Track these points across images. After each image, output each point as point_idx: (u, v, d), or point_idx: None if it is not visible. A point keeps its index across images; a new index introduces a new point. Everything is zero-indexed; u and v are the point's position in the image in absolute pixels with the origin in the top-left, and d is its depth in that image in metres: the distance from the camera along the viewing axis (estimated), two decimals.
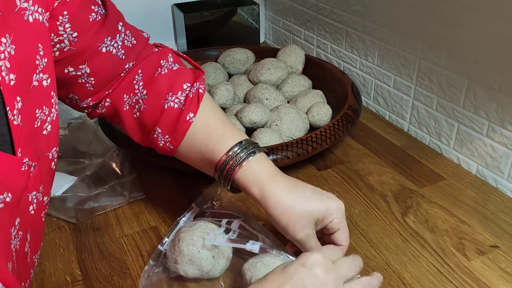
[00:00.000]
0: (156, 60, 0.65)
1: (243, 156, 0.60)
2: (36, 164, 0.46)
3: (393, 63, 0.99)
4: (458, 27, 0.82)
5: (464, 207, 0.77)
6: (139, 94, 0.64)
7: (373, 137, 0.97)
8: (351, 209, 0.77)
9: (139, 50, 0.65)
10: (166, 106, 0.62)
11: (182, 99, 0.62)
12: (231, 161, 0.60)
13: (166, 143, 0.63)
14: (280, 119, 0.92)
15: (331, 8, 1.14)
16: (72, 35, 0.56)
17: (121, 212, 0.78)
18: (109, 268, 0.67)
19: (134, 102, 0.64)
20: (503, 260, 0.67)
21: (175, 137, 0.63)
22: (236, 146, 0.60)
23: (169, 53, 0.67)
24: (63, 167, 0.86)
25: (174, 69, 0.65)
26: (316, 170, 0.87)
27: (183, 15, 1.26)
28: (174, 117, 0.62)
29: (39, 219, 0.49)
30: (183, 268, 0.61)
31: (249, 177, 0.59)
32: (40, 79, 0.46)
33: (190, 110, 0.62)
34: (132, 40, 0.64)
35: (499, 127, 0.79)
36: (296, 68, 1.11)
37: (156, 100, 0.63)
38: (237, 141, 0.61)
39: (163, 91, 0.63)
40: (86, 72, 0.60)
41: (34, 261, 0.51)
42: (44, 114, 0.47)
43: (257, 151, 0.61)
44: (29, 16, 0.45)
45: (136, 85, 0.64)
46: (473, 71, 0.81)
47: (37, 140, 0.47)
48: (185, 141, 0.63)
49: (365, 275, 0.65)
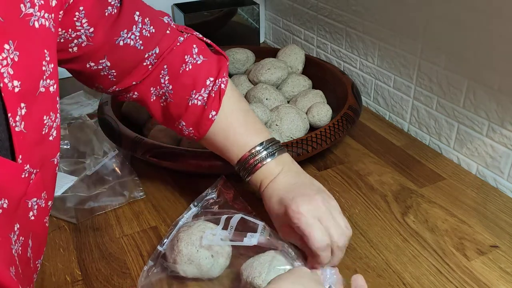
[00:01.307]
0: (181, 55, 0.67)
1: (263, 157, 0.65)
2: (38, 171, 0.46)
3: (393, 63, 0.99)
4: (458, 27, 0.82)
5: (464, 207, 0.77)
6: (165, 88, 0.67)
7: (373, 137, 0.97)
8: (351, 209, 0.77)
9: (159, 38, 0.65)
10: (190, 103, 0.66)
11: (205, 97, 0.66)
12: (253, 158, 0.65)
13: (190, 133, 0.68)
14: (280, 119, 0.92)
15: (331, 8, 1.14)
16: (89, 31, 0.57)
17: (121, 212, 0.78)
18: (109, 268, 0.67)
19: (161, 94, 0.68)
20: (503, 260, 0.67)
21: (199, 131, 0.67)
22: (259, 146, 0.65)
23: (193, 43, 0.69)
24: (63, 167, 0.86)
25: (198, 63, 0.67)
26: (316, 170, 0.87)
27: (183, 15, 1.26)
28: (198, 115, 0.66)
29: (41, 225, 0.49)
30: (182, 267, 0.61)
31: (266, 173, 0.64)
32: (47, 85, 0.46)
33: (213, 108, 0.66)
34: (150, 29, 0.64)
35: (499, 127, 0.79)
36: (296, 68, 1.11)
37: (182, 96, 0.66)
38: (259, 141, 0.66)
39: (187, 88, 0.66)
40: (107, 65, 0.62)
41: (37, 266, 0.51)
42: (51, 120, 0.47)
43: (276, 153, 0.65)
44: (35, 22, 0.45)
45: (162, 79, 0.67)
46: (473, 71, 0.81)
47: (43, 147, 0.47)
48: (208, 135, 0.67)
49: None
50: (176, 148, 0.81)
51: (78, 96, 1.13)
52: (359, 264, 0.67)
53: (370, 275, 0.65)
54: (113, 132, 0.86)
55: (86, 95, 1.13)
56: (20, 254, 0.44)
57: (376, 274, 0.65)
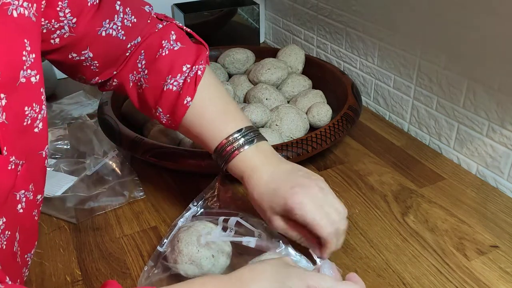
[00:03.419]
0: (158, 40, 0.66)
1: (244, 143, 0.63)
2: (25, 163, 0.45)
3: (393, 63, 0.99)
4: (458, 27, 0.82)
5: (464, 207, 0.77)
6: (141, 72, 0.66)
7: (373, 137, 0.97)
8: (351, 209, 0.77)
9: (141, 27, 0.65)
10: (165, 88, 0.64)
11: (180, 82, 0.64)
12: (230, 146, 0.63)
13: (168, 121, 0.67)
14: (280, 119, 0.92)
15: (331, 8, 1.14)
16: (72, 21, 0.56)
17: (121, 212, 0.78)
18: (109, 268, 0.67)
19: (137, 79, 0.67)
20: (503, 260, 0.67)
21: (175, 117, 0.65)
22: (237, 133, 0.63)
23: (172, 30, 0.67)
24: (63, 167, 0.86)
25: (175, 49, 0.66)
26: (316, 170, 0.87)
27: (183, 15, 1.26)
28: (173, 100, 0.64)
29: (30, 218, 0.49)
30: (183, 268, 0.61)
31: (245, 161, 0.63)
32: (28, 76, 0.45)
33: (188, 94, 0.64)
34: (132, 18, 0.64)
35: (499, 127, 0.79)
36: (296, 68, 1.11)
37: (157, 81, 0.65)
38: (238, 128, 0.63)
39: (163, 73, 0.65)
40: (90, 56, 0.61)
41: (27, 260, 0.50)
42: (35, 112, 0.47)
43: (255, 140, 0.63)
44: (13, 11, 0.44)
45: (139, 63, 0.66)
46: (473, 71, 0.81)
47: (27, 138, 0.46)
48: (184, 122, 0.65)
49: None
50: (176, 148, 0.81)
51: (78, 96, 1.13)
52: (359, 264, 0.67)
53: (370, 275, 0.65)
54: (113, 132, 0.86)
55: (86, 95, 1.13)
56: (5, 248, 0.44)
57: (376, 274, 0.65)
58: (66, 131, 0.95)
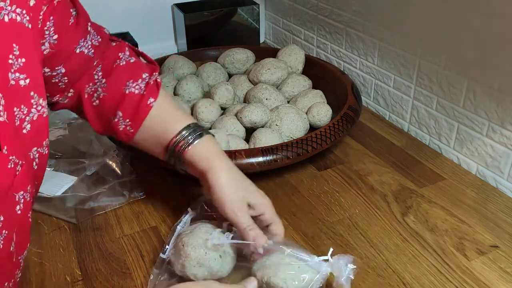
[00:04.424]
0: (114, 53, 0.68)
1: (193, 137, 0.65)
2: (24, 163, 0.46)
3: (393, 63, 0.99)
4: (458, 27, 0.82)
5: (464, 207, 0.77)
6: (98, 83, 0.67)
7: (373, 137, 0.97)
8: (351, 209, 0.77)
9: (103, 47, 0.68)
10: (128, 92, 0.66)
11: (142, 86, 0.66)
12: (182, 141, 0.64)
13: (127, 126, 0.66)
14: (280, 119, 0.92)
15: (331, 8, 1.14)
16: (53, 38, 0.57)
17: (121, 212, 0.78)
18: (109, 268, 0.67)
19: (93, 91, 0.67)
20: (503, 260, 0.67)
21: (136, 120, 0.66)
22: (186, 129, 0.65)
23: (126, 47, 0.71)
24: (63, 167, 0.86)
25: (131, 61, 0.69)
26: (316, 170, 0.87)
27: (183, 15, 1.26)
28: (136, 102, 0.66)
29: (26, 219, 0.49)
30: (192, 271, 0.60)
31: (198, 154, 0.64)
32: (17, 78, 0.47)
33: (151, 95, 0.66)
34: (98, 38, 0.66)
35: (499, 127, 0.79)
36: (296, 68, 1.11)
37: (116, 87, 0.66)
38: (186, 124, 0.66)
39: (123, 79, 0.66)
40: (61, 72, 0.62)
41: (20, 262, 0.51)
42: (23, 113, 0.48)
43: (204, 133, 0.66)
44: (5, 15, 0.46)
45: (95, 75, 0.67)
46: (473, 71, 0.81)
47: (20, 139, 0.47)
48: (144, 125, 0.66)
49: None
50: None
51: None
52: (359, 264, 0.66)
53: (370, 275, 0.65)
54: None
55: None
56: (2, 248, 0.44)
57: (376, 274, 0.65)
58: (66, 131, 0.95)
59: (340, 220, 0.75)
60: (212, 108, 0.94)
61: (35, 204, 0.78)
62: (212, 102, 0.95)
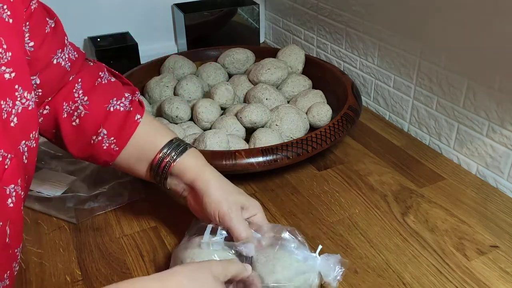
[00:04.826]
0: (95, 72, 0.67)
1: (177, 153, 0.64)
2: (13, 157, 0.46)
3: (393, 63, 0.99)
4: (458, 27, 0.82)
5: (464, 207, 0.77)
6: (79, 101, 0.65)
7: (373, 137, 0.97)
8: (351, 209, 0.77)
9: (80, 64, 0.66)
10: (112, 109, 0.65)
11: (127, 103, 0.66)
12: (166, 157, 0.64)
13: (111, 145, 0.65)
14: (280, 119, 0.92)
15: (331, 8, 1.14)
16: (29, 45, 0.56)
17: (121, 212, 0.78)
18: (109, 268, 0.67)
19: (73, 109, 0.64)
20: (503, 260, 0.67)
21: (122, 137, 0.65)
22: (168, 145, 0.65)
23: (104, 67, 0.70)
24: (63, 167, 0.86)
25: (112, 80, 0.69)
26: (316, 170, 0.87)
27: (183, 15, 1.26)
28: (122, 118, 0.65)
29: (18, 213, 0.49)
30: None
31: (184, 169, 0.64)
32: (2, 72, 0.47)
33: (137, 112, 0.65)
34: (74, 54, 0.65)
35: (499, 127, 0.79)
36: (296, 68, 1.11)
37: (99, 105, 0.65)
38: (169, 139, 0.65)
39: (106, 97, 0.65)
40: (36, 83, 0.60)
41: (17, 254, 0.51)
42: (9, 106, 0.48)
43: (188, 147, 0.66)
44: None
45: (75, 93, 0.65)
46: (473, 71, 0.81)
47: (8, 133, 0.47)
48: (129, 143, 0.65)
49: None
50: None
51: None
52: (359, 264, 0.67)
53: (370, 275, 0.65)
54: None
55: None
56: None
57: (376, 274, 0.65)
58: None
59: (340, 220, 0.75)
60: (212, 108, 0.94)
61: (35, 204, 0.78)
62: (212, 102, 0.95)
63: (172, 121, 0.94)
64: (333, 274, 0.57)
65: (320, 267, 0.58)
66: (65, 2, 1.20)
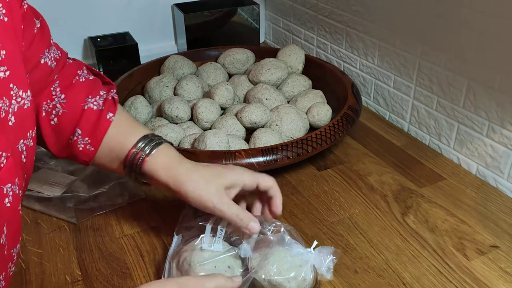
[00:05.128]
0: (73, 70, 0.67)
1: (151, 147, 0.63)
2: (10, 156, 0.46)
3: (393, 63, 0.99)
4: (458, 27, 0.82)
5: (464, 207, 0.77)
6: (56, 99, 0.64)
7: (373, 137, 0.97)
8: (351, 209, 0.77)
9: (62, 63, 0.66)
10: (86, 107, 0.64)
11: (100, 102, 0.65)
12: (140, 152, 0.63)
13: (86, 145, 0.64)
14: (280, 119, 0.92)
15: (331, 8, 1.14)
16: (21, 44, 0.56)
17: (121, 212, 0.78)
18: (109, 268, 0.67)
19: (51, 107, 0.64)
20: (503, 260, 0.67)
21: (96, 137, 0.64)
22: (142, 140, 0.64)
23: (83, 65, 0.70)
24: (63, 167, 0.86)
25: (90, 78, 0.68)
26: (316, 170, 0.87)
27: (183, 15, 1.26)
28: (94, 118, 0.64)
29: (16, 212, 0.49)
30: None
31: (158, 164, 0.63)
32: None
33: (109, 110, 0.64)
34: (58, 53, 0.65)
35: (499, 127, 0.79)
36: (296, 68, 1.11)
37: (76, 103, 0.64)
38: (143, 134, 0.64)
39: (82, 95, 0.65)
40: None
41: (13, 255, 0.51)
42: (6, 105, 0.47)
43: (162, 142, 0.65)
44: None
45: (53, 91, 0.65)
46: (473, 71, 0.81)
47: (6, 131, 0.47)
48: (104, 142, 0.64)
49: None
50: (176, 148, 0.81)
51: None
52: (359, 264, 0.67)
53: (370, 275, 0.65)
54: None
55: None
56: None
57: (376, 274, 0.65)
58: None
59: (340, 220, 0.75)
60: (212, 108, 0.94)
61: (35, 204, 0.78)
62: (212, 102, 0.95)
63: (172, 121, 0.94)
64: (324, 264, 0.58)
65: (314, 260, 0.58)
66: (65, 2, 1.20)
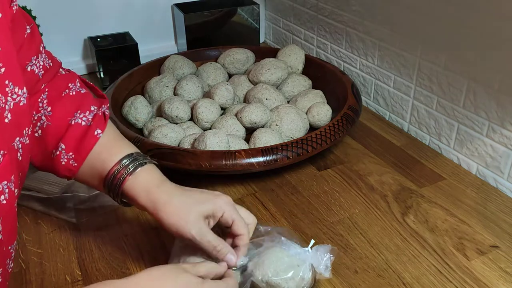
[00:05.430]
0: (64, 82, 0.65)
1: (134, 166, 0.61)
2: (6, 153, 0.46)
3: (393, 63, 0.99)
4: (458, 27, 0.82)
5: (464, 207, 0.77)
6: (42, 111, 0.62)
7: (373, 137, 0.97)
8: (351, 209, 0.77)
9: (53, 73, 0.64)
10: (73, 123, 0.62)
11: (90, 118, 0.62)
12: (122, 170, 0.60)
13: (70, 160, 0.62)
14: (280, 119, 0.92)
15: (331, 8, 1.14)
16: None
17: (121, 212, 0.78)
18: (109, 268, 0.67)
19: (36, 119, 0.62)
20: (503, 260, 0.67)
21: (80, 153, 0.62)
22: (127, 158, 0.61)
23: (76, 78, 0.67)
24: None
25: (82, 92, 0.65)
26: (316, 170, 0.87)
27: (183, 15, 1.26)
28: (81, 133, 0.62)
29: (12, 209, 0.49)
30: None
31: (138, 184, 0.60)
32: None
33: (98, 127, 0.62)
34: (49, 62, 0.63)
35: (499, 127, 0.79)
36: (296, 68, 1.11)
37: (62, 117, 0.62)
38: (129, 152, 0.62)
39: (70, 109, 0.63)
40: None
41: (10, 252, 0.51)
42: (2, 102, 0.47)
43: (147, 162, 0.62)
44: None
45: (40, 103, 0.63)
46: (473, 71, 0.81)
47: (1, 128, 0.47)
48: (88, 158, 0.62)
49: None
50: (176, 148, 0.81)
51: None
52: (359, 264, 0.67)
53: (370, 275, 0.65)
54: None
55: None
56: None
57: (376, 274, 0.65)
58: None
59: (340, 220, 0.75)
60: (212, 108, 0.94)
61: (35, 204, 0.78)
62: (212, 102, 0.95)
63: (172, 121, 0.94)
64: (322, 263, 0.58)
65: (312, 259, 0.58)
66: (65, 2, 1.20)
